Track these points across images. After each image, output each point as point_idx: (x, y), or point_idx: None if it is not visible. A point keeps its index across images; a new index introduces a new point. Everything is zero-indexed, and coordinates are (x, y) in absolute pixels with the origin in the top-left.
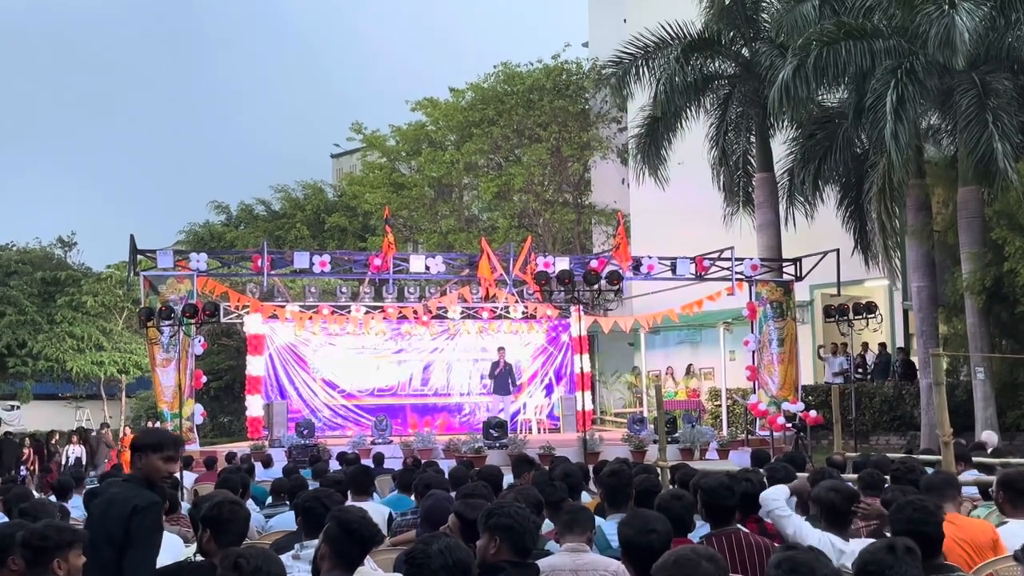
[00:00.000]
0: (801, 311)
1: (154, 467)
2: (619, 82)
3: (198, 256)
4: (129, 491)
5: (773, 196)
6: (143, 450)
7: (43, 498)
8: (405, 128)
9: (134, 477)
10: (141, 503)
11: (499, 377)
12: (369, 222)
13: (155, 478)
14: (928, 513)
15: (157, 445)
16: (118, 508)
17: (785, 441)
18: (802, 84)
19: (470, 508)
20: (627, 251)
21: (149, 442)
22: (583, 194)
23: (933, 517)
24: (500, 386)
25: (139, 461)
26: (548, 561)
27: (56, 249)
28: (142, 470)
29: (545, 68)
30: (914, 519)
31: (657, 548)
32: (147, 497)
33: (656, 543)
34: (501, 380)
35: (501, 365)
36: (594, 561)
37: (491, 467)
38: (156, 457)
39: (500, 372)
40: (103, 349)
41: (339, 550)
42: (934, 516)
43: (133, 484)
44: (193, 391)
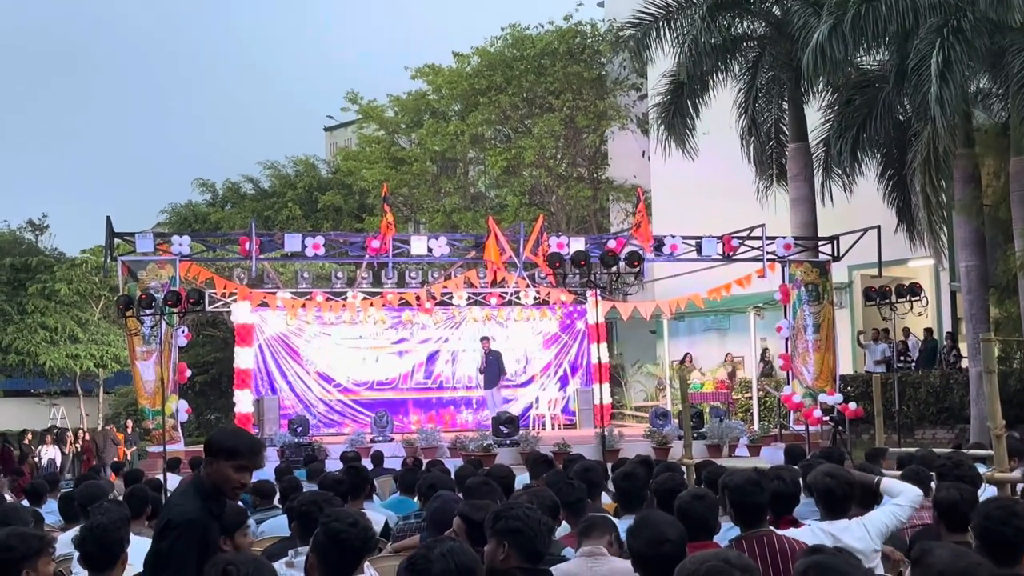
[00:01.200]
0: (839, 294)
1: (224, 476)
2: (638, 45)
3: (181, 239)
4: (180, 497)
5: (808, 168)
6: (215, 455)
7: (15, 503)
8: (405, 98)
9: (199, 480)
10: (175, 518)
11: (487, 370)
12: (366, 201)
13: (224, 488)
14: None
15: (231, 451)
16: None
17: (822, 436)
18: (839, 45)
19: (476, 509)
20: (648, 230)
21: (224, 447)
22: (600, 168)
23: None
24: (489, 379)
25: (208, 466)
26: (563, 568)
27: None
28: (211, 476)
29: (557, 30)
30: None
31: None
32: (186, 511)
33: (670, 554)
34: (490, 372)
35: (486, 358)
36: (613, 568)
37: (501, 467)
38: (228, 465)
39: (486, 365)
40: (78, 341)
41: (328, 560)
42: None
43: (191, 489)
44: (177, 386)
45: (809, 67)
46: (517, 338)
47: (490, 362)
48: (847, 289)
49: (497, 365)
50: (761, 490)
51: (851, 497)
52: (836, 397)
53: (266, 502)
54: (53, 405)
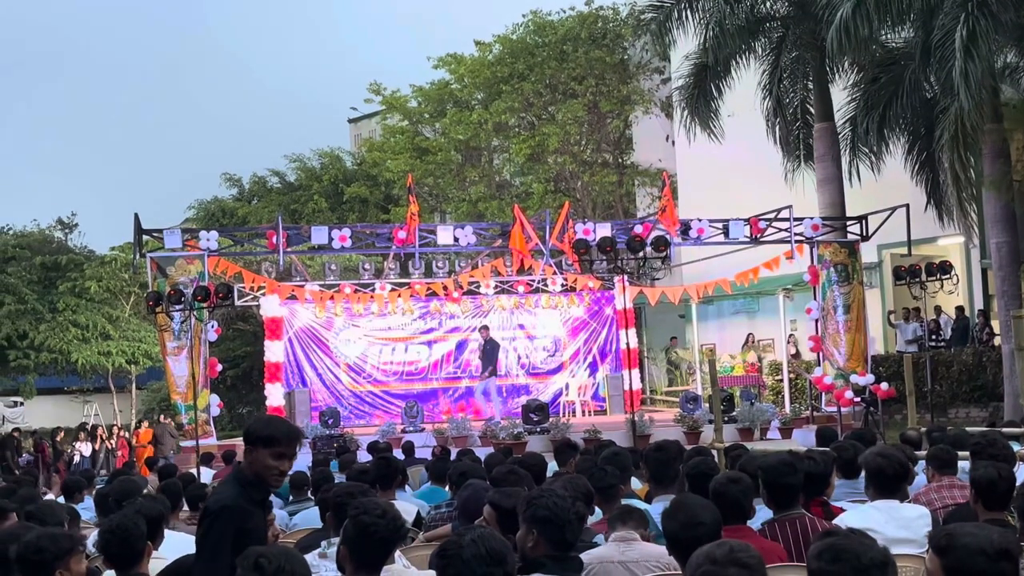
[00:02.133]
0: (869, 274)
1: (263, 464)
2: (660, 28)
3: (208, 234)
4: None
5: (835, 148)
6: (253, 444)
7: (50, 501)
8: (427, 87)
9: (239, 470)
10: (212, 505)
11: (485, 358)
12: (392, 191)
13: (266, 476)
14: None
15: (268, 439)
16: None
17: (854, 417)
18: (863, 23)
19: (505, 497)
20: (674, 214)
21: (261, 435)
22: (624, 153)
23: None
24: (486, 367)
25: (248, 455)
26: (595, 553)
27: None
28: (252, 466)
29: (579, 15)
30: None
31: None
32: (221, 499)
33: (704, 537)
34: (486, 361)
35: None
36: (645, 552)
37: (532, 454)
38: (267, 453)
39: (483, 354)
40: (110, 338)
41: (358, 551)
42: None
43: (232, 478)
44: (208, 381)
45: (834, 46)
46: (546, 325)
47: (487, 351)
48: (877, 269)
49: (493, 355)
50: (794, 471)
51: (903, 478)
52: (868, 378)
53: (300, 493)
54: (86, 402)
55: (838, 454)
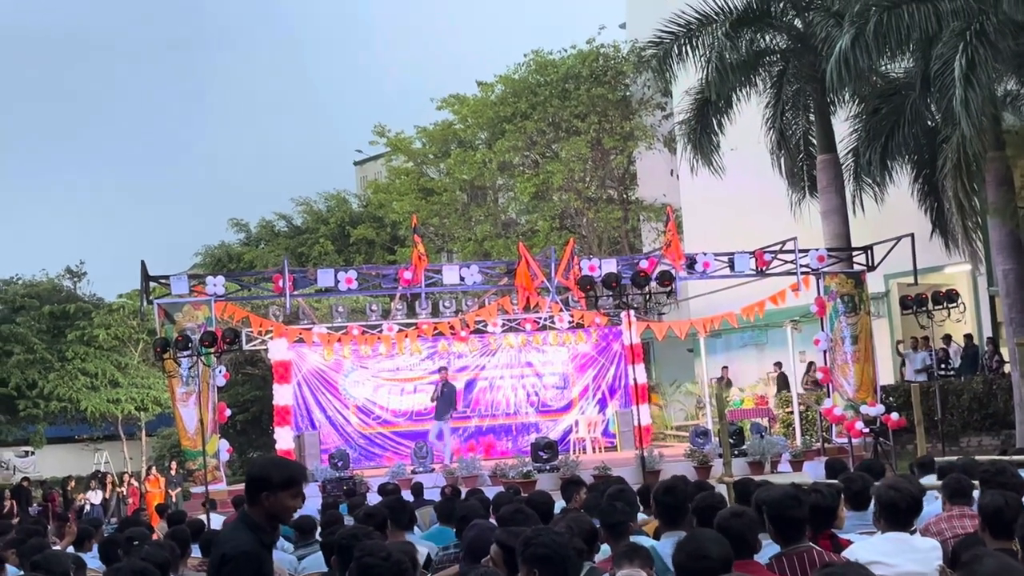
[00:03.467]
0: (876, 304)
1: (284, 506)
2: (661, 64)
3: (215, 280)
4: (232, 532)
5: (838, 179)
6: (271, 488)
7: (56, 550)
8: (431, 128)
9: (246, 516)
10: (230, 552)
11: (438, 401)
12: (397, 232)
13: (284, 518)
14: None
15: (288, 481)
16: (214, 551)
17: (865, 448)
18: (862, 54)
19: (512, 536)
20: (679, 248)
21: (279, 478)
22: (629, 189)
23: None
24: (438, 410)
25: (266, 500)
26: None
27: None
28: (269, 510)
29: (580, 53)
30: None
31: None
32: (240, 544)
33: (711, 570)
34: (440, 404)
35: (439, 388)
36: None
37: (540, 492)
38: (287, 495)
39: (439, 396)
40: (119, 385)
41: None
42: None
43: (241, 525)
44: (217, 426)
45: (834, 78)
46: (554, 362)
47: (444, 394)
48: (884, 298)
49: (450, 398)
50: (799, 504)
51: (915, 510)
52: (878, 408)
53: (307, 537)
54: (97, 450)
55: (847, 485)
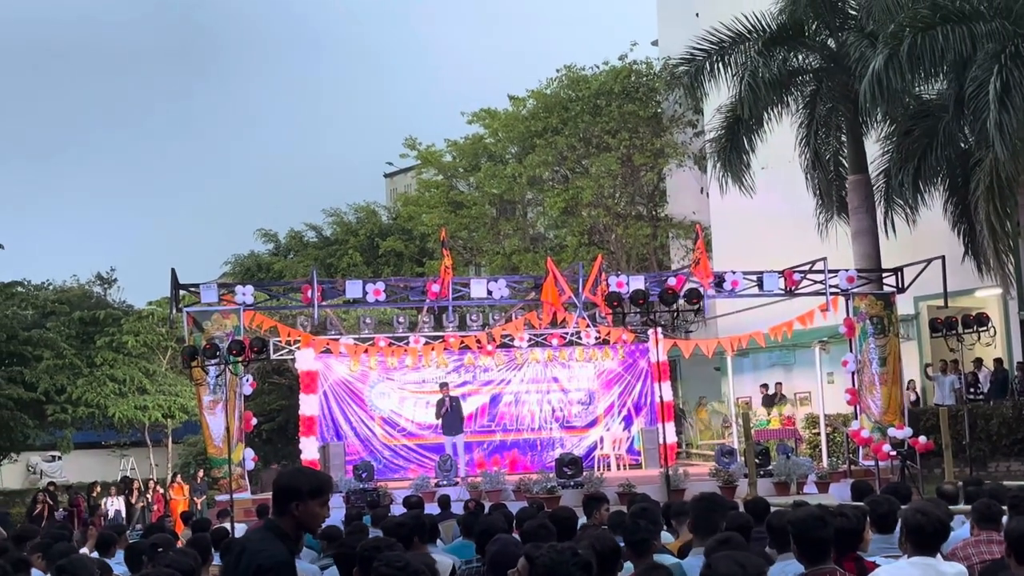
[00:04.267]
0: (905, 326)
1: (313, 515)
2: (693, 81)
3: (244, 289)
4: (262, 543)
5: (869, 200)
6: (301, 496)
7: (81, 555)
8: (462, 142)
9: (275, 525)
10: (266, 562)
11: (447, 416)
12: (426, 245)
13: (312, 527)
14: None
15: (318, 490)
16: (246, 561)
17: (892, 471)
18: (896, 75)
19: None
20: (708, 266)
21: (311, 487)
22: (658, 206)
23: None
24: (450, 425)
25: (296, 508)
26: None
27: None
28: (298, 518)
29: (612, 70)
30: None
31: None
32: (276, 555)
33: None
34: (450, 419)
35: (447, 404)
36: None
37: (563, 508)
38: (316, 503)
39: (448, 411)
40: (146, 392)
41: None
42: None
43: (271, 534)
44: (243, 435)
45: (867, 98)
46: (580, 378)
47: (454, 408)
48: (913, 321)
49: (459, 412)
50: (824, 525)
51: (942, 535)
52: (906, 431)
53: (334, 546)
54: (123, 456)
55: (872, 508)
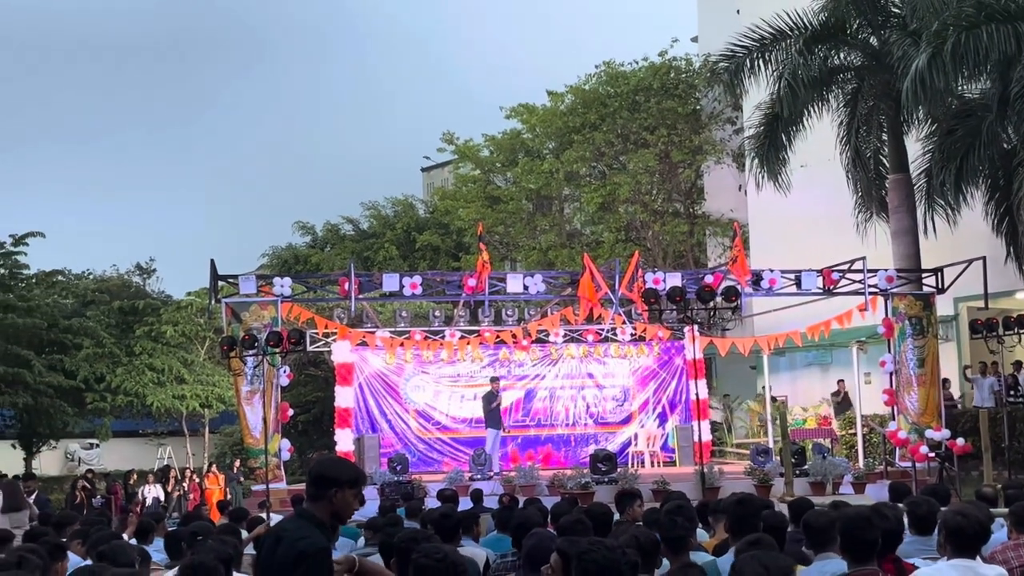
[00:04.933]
0: (944, 327)
1: (347, 503)
2: (732, 78)
3: (282, 281)
4: (300, 530)
5: (909, 200)
6: (340, 485)
7: (122, 542)
8: (499, 137)
9: (309, 513)
10: (308, 548)
11: (496, 410)
12: (462, 239)
13: (346, 517)
14: None
15: (354, 480)
16: (284, 548)
17: (929, 473)
18: (939, 74)
19: (572, 544)
20: (745, 264)
21: (348, 477)
22: (696, 203)
23: None
24: (495, 419)
25: (335, 496)
26: None
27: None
28: (334, 507)
29: (651, 66)
30: None
31: None
32: (317, 541)
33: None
34: (496, 413)
35: (499, 398)
36: None
37: (599, 504)
38: (351, 493)
39: (497, 405)
40: (184, 382)
41: None
42: None
43: (306, 522)
44: (279, 425)
45: (909, 97)
46: (615, 375)
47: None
48: (952, 322)
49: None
50: (871, 526)
51: (982, 538)
52: (943, 433)
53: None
54: (160, 445)
55: (911, 509)
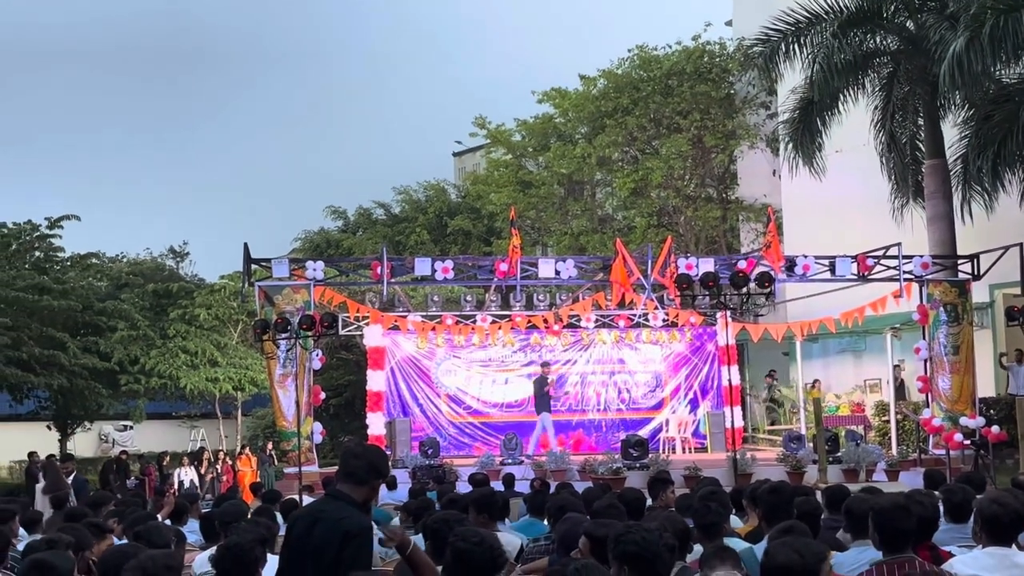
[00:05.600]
0: (979, 314)
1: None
2: (767, 62)
3: (315, 264)
4: (341, 511)
5: (946, 185)
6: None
7: (157, 522)
8: (532, 121)
9: (345, 495)
10: (354, 528)
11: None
12: (494, 224)
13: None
14: None
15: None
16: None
17: (963, 460)
18: (976, 58)
19: (601, 527)
20: (779, 250)
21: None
22: (729, 188)
23: None
24: (545, 403)
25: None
26: None
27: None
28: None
29: (684, 50)
30: None
31: None
32: (361, 520)
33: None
34: (546, 397)
35: (551, 383)
36: None
37: (631, 489)
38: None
39: (548, 390)
40: (217, 365)
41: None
42: None
43: (342, 503)
44: (311, 408)
45: (946, 82)
46: (646, 360)
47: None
48: (988, 309)
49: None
50: (907, 515)
51: (1018, 526)
52: (978, 420)
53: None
54: (193, 427)
55: (947, 497)
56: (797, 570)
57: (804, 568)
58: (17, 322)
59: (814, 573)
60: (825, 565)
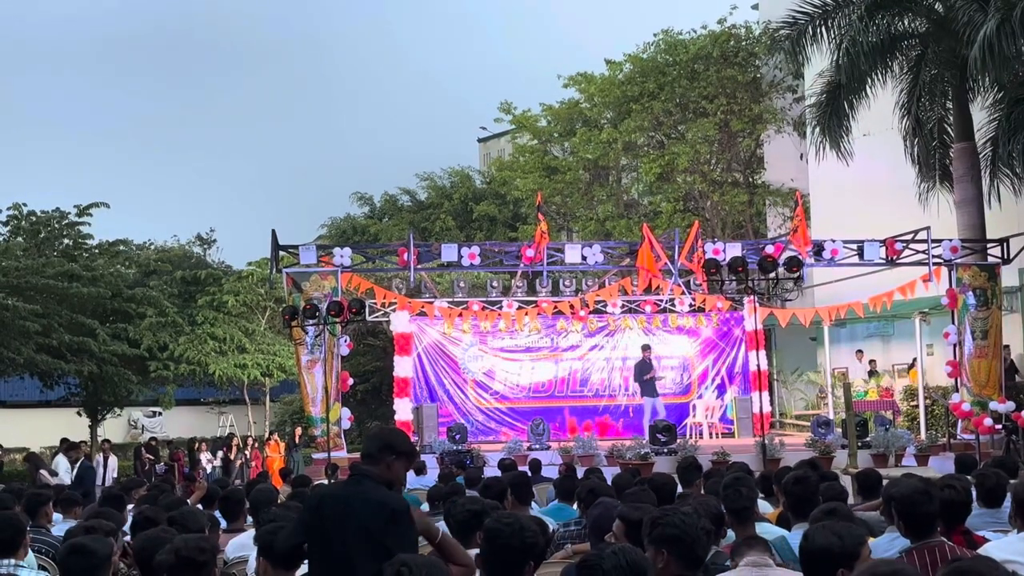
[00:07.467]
0: (1009, 298)
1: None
2: (794, 45)
3: (342, 251)
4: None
5: (974, 169)
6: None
7: (192, 508)
8: (557, 107)
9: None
10: (398, 507)
11: (651, 379)
12: (520, 210)
13: (396, 485)
14: None
15: (412, 453)
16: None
17: (993, 445)
18: (1007, 41)
19: (635, 510)
20: (807, 234)
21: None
22: (756, 173)
23: None
24: (651, 388)
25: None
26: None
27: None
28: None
29: (711, 34)
30: None
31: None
32: (400, 500)
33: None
34: (651, 382)
35: (655, 368)
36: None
37: (661, 474)
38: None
39: (652, 375)
40: (245, 351)
41: (489, 560)
42: None
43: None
44: (340, 394)
45: (976, 65)
46: (673, 346)
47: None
48: (1017, 293)
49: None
50: (929, 499)
51: None
52: (1008, 405)
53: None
54: (222, 413)
55: (980, 482)
56: (837, 553)
57: (844, 551)
58: (47, 309)
59: (854, 556)
60: (864, 549)
